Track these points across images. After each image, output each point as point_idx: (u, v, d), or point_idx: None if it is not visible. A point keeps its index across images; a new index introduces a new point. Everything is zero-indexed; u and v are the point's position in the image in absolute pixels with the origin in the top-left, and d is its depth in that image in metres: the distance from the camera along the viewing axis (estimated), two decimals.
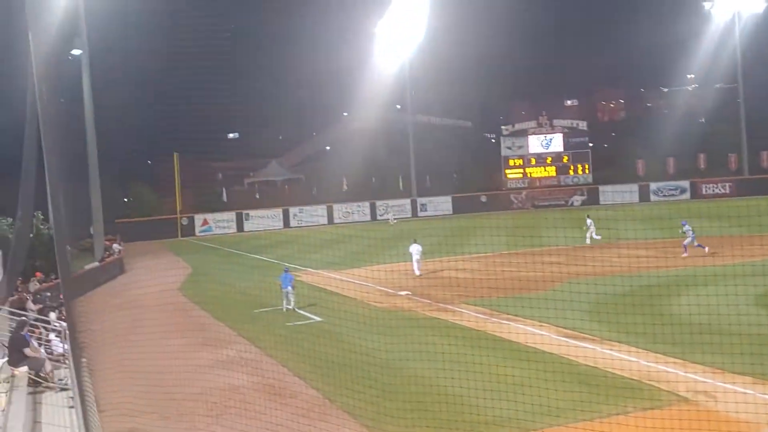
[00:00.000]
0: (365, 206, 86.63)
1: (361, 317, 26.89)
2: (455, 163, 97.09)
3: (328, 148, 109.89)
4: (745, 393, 16.59)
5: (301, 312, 29.97)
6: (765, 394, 16.34)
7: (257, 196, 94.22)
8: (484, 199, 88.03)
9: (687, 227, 40.37)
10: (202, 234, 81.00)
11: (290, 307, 30.47)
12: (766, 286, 27.54)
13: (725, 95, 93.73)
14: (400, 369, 19.86)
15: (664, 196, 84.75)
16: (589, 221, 49.19)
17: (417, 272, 38.03)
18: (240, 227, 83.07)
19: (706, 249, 38.90)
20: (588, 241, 47.68)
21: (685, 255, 38.85)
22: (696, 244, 39.56)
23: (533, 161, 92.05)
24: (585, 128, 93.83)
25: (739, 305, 23.61)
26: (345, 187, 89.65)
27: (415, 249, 38.47)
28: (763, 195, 73.44)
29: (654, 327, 20.06)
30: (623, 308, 23.82)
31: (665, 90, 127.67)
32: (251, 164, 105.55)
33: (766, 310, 24.56)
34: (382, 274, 38.69)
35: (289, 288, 30.81)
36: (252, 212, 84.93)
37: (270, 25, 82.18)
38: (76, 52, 56.93)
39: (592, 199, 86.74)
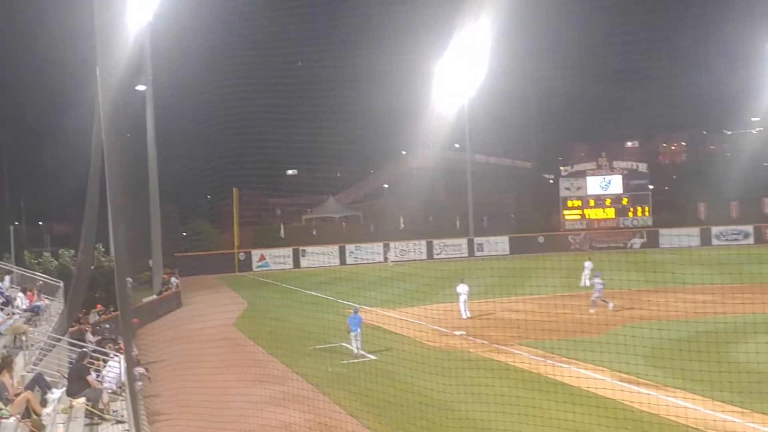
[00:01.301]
0: (422, 245, 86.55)
1: (416, 356, 26.75)
2: (513, 204, 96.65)
3: (386, 186, 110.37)
4: None
5: (359, 351, 29.86)
6: None
7: (314, 233, 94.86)
8: (541, 239, 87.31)
9: (597, 280, 38.02)
10: (259, 269, 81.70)
11: (359, 350, 29.05)
12: None
13: None
14: (454, 410, 19.64)
15: (727, 240, 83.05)
16: (587, 264, 48.10)
17: (464, 314, 37.22)
18: (297, 263, 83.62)
19: (610, 305, 36.97)
20: (584, 283, 46.84)
21: (592, 311, 36.70)
22: (601, 298, 37.60)
23: (592, 203, 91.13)
24: (645, 170, 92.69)
25: None
26: (402, 225, 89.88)
27: (462, 289, 37.80)
28: None
29: (714, 374, 19.53)
30: (683, 354, 23.27)
31: (728, 133, 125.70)
32: (309, 201, 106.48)
33: None
34: (437, 313, 38.51)
35: (359, 330, 29.28)
36: (309, 248, 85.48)
37: (331, 62, 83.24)
38: (140, 87, 58.41)
39: (652, 241, 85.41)
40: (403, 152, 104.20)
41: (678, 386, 21.51)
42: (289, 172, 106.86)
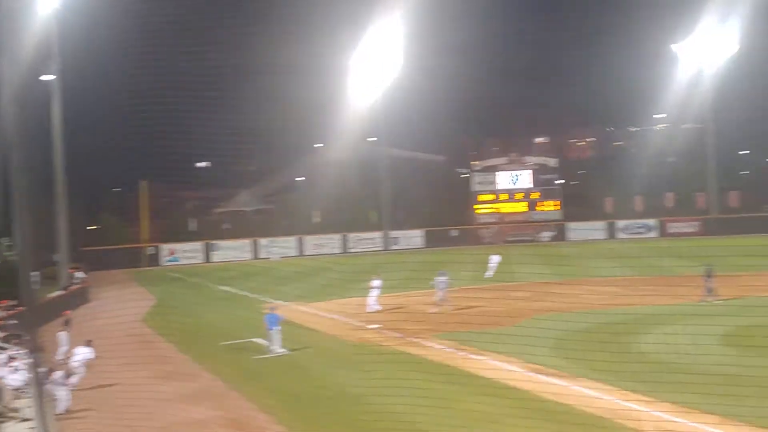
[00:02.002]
0: (336, 238, 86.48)
1: (330, 351, 26.73)
2: (427, 197, 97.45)
3: (300, 179, 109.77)
4: None
5: (277, 348, 29.51)
6: None
7: (226, 226, 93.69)
8: (455, 233, 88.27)
9: (442, 278, 36.86)
10: (169, 264, 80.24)
11: (277, 349, 28.15)
12: (729, 326, 27.78)
13: (694, 135, 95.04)
14: (368, 404, 19.67)
15: (632, 234, 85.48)
16: (494, 257, 49.07)
17: (374, 308, 36.86)
18: (207, 258, 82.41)
19: (444, 305, 35.95)
20: (489, 275, 47.76)
21: (434, 311, 35.85)
22: (442, 298, 36.44)
23: (503, 197, 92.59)
24: (554, 165, 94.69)
25: (704, 344, 23.73)
26: (316, 218, 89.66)
27: (377, 283, 37.61)
28: (731, 234, 74.39)
29: (620, 364, 20.08)
30: (590, 345, 23.86)
31: (634, 129, 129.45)
32: (221, 194, 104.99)
33: (732, 350, 24.67)
34: (350, 307, 38.56)
35: (277, 327, 28.48)
36: (220, 243, 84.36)
37: (244, 55, 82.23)
38: (47, 77, 56.59)
39: (561, 235, 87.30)
40: (318, 145, 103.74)
41: (585, 376, 22.02)
42: (201, 164, 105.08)
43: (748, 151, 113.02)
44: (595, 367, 21.78)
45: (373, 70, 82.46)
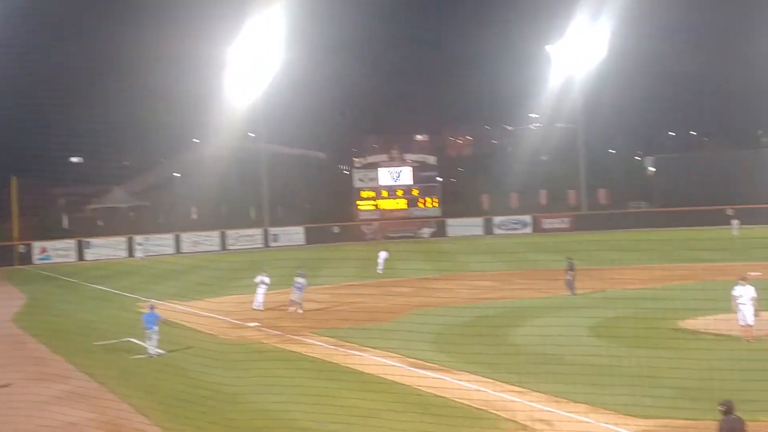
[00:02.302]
0: (215, 235, 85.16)
1: (207, 350, 26.34)
2: (308, 194, 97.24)
3: (176, 175, 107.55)
4: (580, 421, 17.26)
5: (144, 345, 28.87)
6: (600, 422, 17.03)
7: (100, 224, 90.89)
8: (336, 230, 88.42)
9: (299, 279, 35.87)
10: (41, 262, 77.21)
11: (154, 349, 27.09)
12: (598, 317, 28.99)
13: (566, 134, 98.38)
14: (246, 403, 19.53)
15: (508, 230, 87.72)
16: (381, 254, 50.11)
17: (260, 305, 36.41)
18: (81, 256, 79.69)
19: (299, 309, 34.97)
20: (379, 271, 48.71)
21: (292, 309, 35.33)
22: (296, 300, 35.58)
23: (384, 193, 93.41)
24: (434, 163, 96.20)
25: (575, 336, 24.65)
26: (194, 215, 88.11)
27: (264, 280, 37.32)
28: (599, 230, 77.48)
29: (496, 356, 20.64)
30: (468, 338, 24.46)
31: (510, 128, 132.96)
32: (94, 190, 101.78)
33: (601, 341, 25.72)
34: (229, 305, 38.11)
35: (155, 328, 27.24)
36: (94, 240, 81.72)
37: (119, 47, 79.92)
38: None
39: (440, 231, 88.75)
40: (195, 141, 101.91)
41: (463, 369, 22.53)
42: (73, 159, 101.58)
43: (614, 151, 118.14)
44: (471, 360, 22.34)
45: (252, 65, 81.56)
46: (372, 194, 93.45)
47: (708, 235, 55.67)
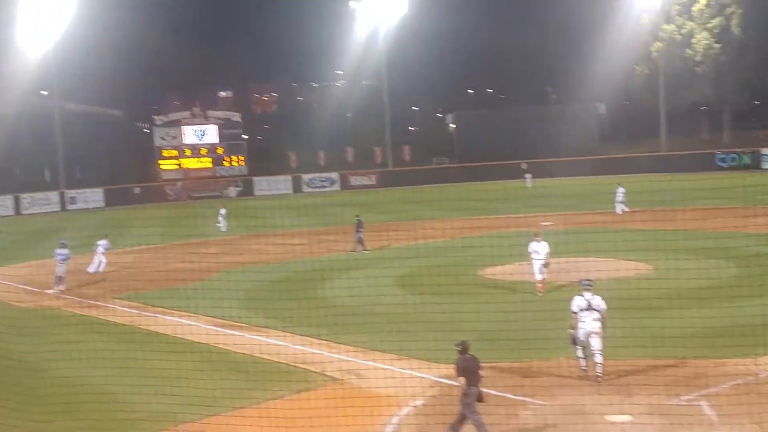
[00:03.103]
0: (7, 199, 79.94)
1: (3, 318, 24.97)
2: (107, 154, 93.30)
3: None
4: (386, 369, 17.80)
5: None
6: (405, 369, 17.62)
7: None
8: (137, 190, 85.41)
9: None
10: None
11: None
12: (404, 267, 29.94)
13: (371, 92, 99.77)
14: (46, 370, 18.67)
15: (316, 187, 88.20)
16: (223, 210, 50.67)
17: (97, 268, 34.80)
18: None
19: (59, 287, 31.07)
20: (223, 227, 49.17)
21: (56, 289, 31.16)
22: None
23: (188, 152, 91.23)
24: (239, 120, 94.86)
25: (381, 287, 25.33)
26: None
27: (103, 243, 35.35)
28: (404, 186, 79.53)
29: (304, 311, 20.85)
30: (276, 294, 24.58)
31: (315, 85, 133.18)
32: None
33: (404, 291, 26.58)
34: (27, 270, 36.20)
35: None
36: None
37: None
38: None
39: (248, 190, 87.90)
40: None
41: (272, 326, 22.63)
42: None
43: (417, 108, 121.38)
44: (281, 316, 22.45)
45: (43, 17, 76.55)
46: (175, 153, 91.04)
47: (505, 188, 58.47)
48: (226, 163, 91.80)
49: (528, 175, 74.18)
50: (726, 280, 24.06)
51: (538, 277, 24.45)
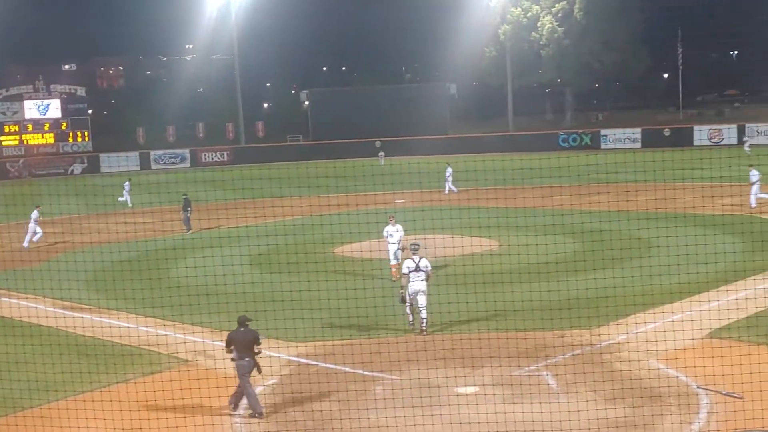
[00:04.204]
0: None
1: None
2: None
3: None
4: None
5: None
6: (264, 350, 17.50)
7: None
8: None
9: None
10: None
11: None
12: (260, 246, 29.74)
13: (223, 67, 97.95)
14: None
15: (165, 164, 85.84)
16: (127, 184, 49.18)
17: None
18: None
19: None
20: (128, 201, 47.97)
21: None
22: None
23: (30, 128, 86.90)
24: (83, 94, 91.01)
25: (234, 266, 25.09)
26: None
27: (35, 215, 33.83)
28: (257, 163, 78.55)
29: (152, 292, 20.34)
30: (122, 275, 23.86)
31: (164, 59, 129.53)
32: None
33: (259, 269, 26.42)
34: None
35: None
36: None
37: None
38: None
39: (93, 167, 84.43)
40: None
41: (117, 307, 22.04)
42: None
43: (270, 84, 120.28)
44: (129, 297, 21.82)
45: None
46: (16, 128, 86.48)
47: (359, 166, 58.92)
48: (70, 139, 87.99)
49: (381, 153, 74.96)
50: (566, 255, 25.24)
51: (393, 261, 24.46)
